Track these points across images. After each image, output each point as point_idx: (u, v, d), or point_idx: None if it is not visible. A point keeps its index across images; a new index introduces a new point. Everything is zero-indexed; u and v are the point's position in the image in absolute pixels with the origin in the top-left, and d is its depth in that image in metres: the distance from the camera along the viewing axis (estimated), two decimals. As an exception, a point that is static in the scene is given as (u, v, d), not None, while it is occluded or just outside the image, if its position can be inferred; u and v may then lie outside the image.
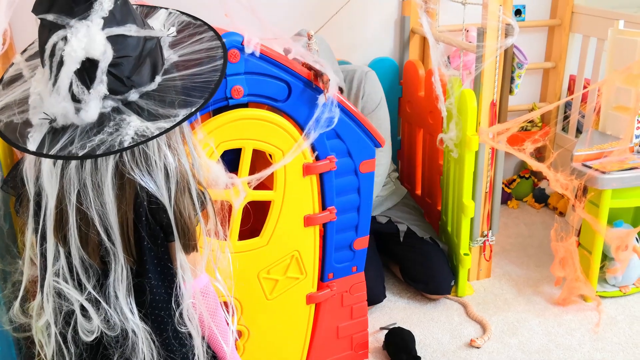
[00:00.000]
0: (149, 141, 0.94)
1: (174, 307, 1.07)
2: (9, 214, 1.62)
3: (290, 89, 1.52)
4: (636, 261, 2.26)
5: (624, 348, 2.01)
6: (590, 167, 2.15)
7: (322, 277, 1.75)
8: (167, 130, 0.94)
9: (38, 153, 0.92)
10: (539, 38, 2.89)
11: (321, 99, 1.53)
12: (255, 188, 1.52)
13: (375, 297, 2.17)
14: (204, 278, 1.16)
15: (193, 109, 0.96)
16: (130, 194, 0.99)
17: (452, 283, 2.27)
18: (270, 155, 1.55)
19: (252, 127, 1.49)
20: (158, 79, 1.00)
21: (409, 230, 2.31)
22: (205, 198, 1.10)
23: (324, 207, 1.67)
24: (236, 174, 1.49)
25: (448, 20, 2.41)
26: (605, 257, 2.29)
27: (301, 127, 1.56)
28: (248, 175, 1.49)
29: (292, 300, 1.71)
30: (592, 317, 2.17)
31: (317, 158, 1.62)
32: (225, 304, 1.24)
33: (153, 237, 1.03)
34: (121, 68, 0.93)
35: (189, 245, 1.07)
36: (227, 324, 1.21)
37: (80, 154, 0.90)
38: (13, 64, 1.08)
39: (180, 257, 1.06)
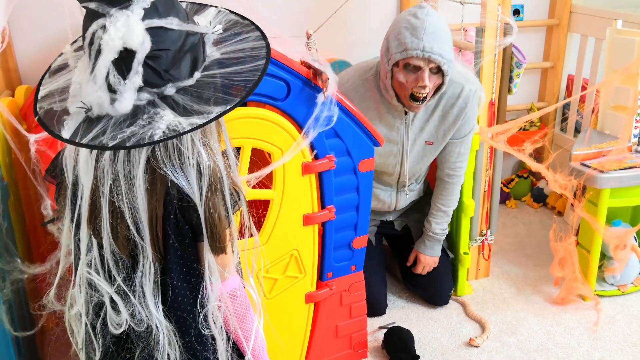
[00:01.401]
0: (179, 136, 0.92)
1: (198, 309, 1.05)
2: (7, 212, 1.62)
3: (289, 87, 1.52)
4: (634, 260, 2.27)
5: (622, 347, 2.02)
6: (588, 166, 2.15)
7: (321, 276, 1.75)
8: (198, 127, 0.92)
9: (69, 141, 0.91)
10: (538, 38, 2.89)
11: (320, 98, 1.53)
12: (254, 187, 1.52)
13: (377, 310, 2.17)
14: (235, 280, 1.13)
15: (227, 107, 0.94)
16: (160, 189, 0.98)
17: (452, 293, 2.28)
18: (269, 154, 1.55)
19: (250, 125, 1.49)
20: (197, 74, 0.99)
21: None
22: (239, 199, 1.08)
23: (323, 206, 1.67)
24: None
25: (447, 20, 2.40)
26: (603, 256, 2.29)
27: (300, 126, 1.56)
28: (247, 173, 1.49)
29: (291, 299, 1.70)
30: (591, 316, 2.17)
31: (316, 157, 1.61)
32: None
33: (180, 236, 1.02)
34: (159, 61, 0.92)
35: (218, 247, 1.05)
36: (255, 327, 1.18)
37: (110, 145, 0.89)
38: (62, 53, 1.07)
39: (209, 258, 1.04)
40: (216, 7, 1.12)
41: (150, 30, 0.90)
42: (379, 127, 1.94)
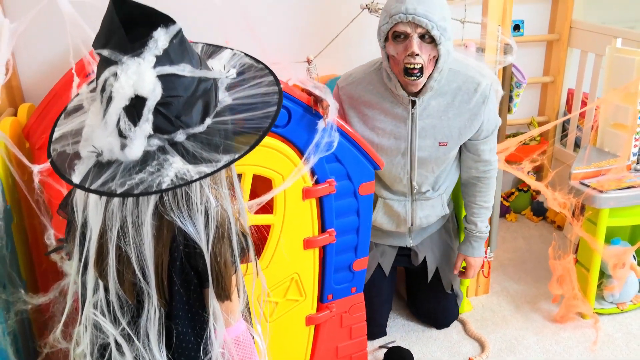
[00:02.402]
0: (187, 185, 0.92)
1: (201, 355, 1.05)
2: (11, 235, 1.64)
3: (290, 114, 1.53)
4: (633, 278, 2.28)
5: (621, 366, 2.03)
6: (588, 186, 2.16)
7: (321, 299, 1.76)
8: (206, 176, 0.92)
9: (79, 186, 0.93)
10: (538, 52, 2.90)
11: (321, 124, 1.54)
12: (255, 212, 1.53)
13: (377, 335, 2.16)
14: (240, 327, 1.13)
15: (236, 156, 0.94)
16: (167, 236, 0.98)
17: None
18: (270, 180, 1.56)
19: (252, 153, 1.49)
20: (208, 121, 0.98)
21: (436, 273, 2.17)
22: (246, 244, 1.08)
23: (323, 229, 1.69)
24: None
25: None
26: (602, 274, 2.30)
27: (301, 152, 1.57)
28: (248, 200, 1.50)
29: (291, 322, 1.72)
30: (590, 334, 2.18)
31: (317, 182, 1.63)
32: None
33: (186, 282, 1.02)
34: (170, 108, 0.93)
35: (223, 294, 1.05)
36: None
37: (118, 191, 0.90)
38: (78, 94, 1.08)
39: (214, 305, 1.04)
40: (232, 49, 1.13)
41: (162, 78, 0.91)
42: (384, 121, 1.86)
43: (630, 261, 2.23)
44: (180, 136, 0.95)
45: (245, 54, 1.12)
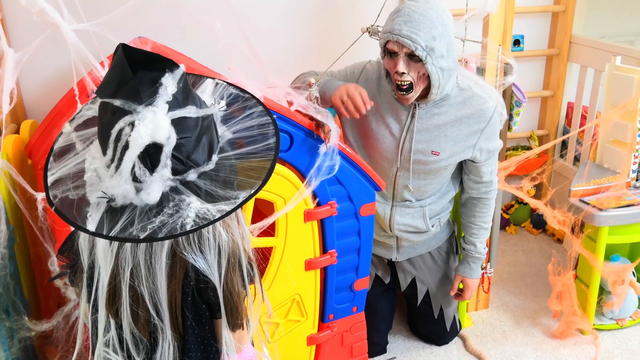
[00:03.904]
0: (211, 224, 0.93)
1: None
2: (13, 256, 1.64)
3: (292, 139, 1.54)
4: (633, 294, 2.29)
5: (620, 384, 2.04)
6: (587, 203, 2.17)
7: (322, 318, 1.77)
8: (228, 213, 0.93)
9: (98, 234, 0.92)
10: (538, 67, 2.92)
11: (322, 149, 1.55)
12: (258, 235, 1.54)
13: (374, 352, 2.15)
14: (248, 352, 1.14)
15: (252, 191, 0.95)
16: (180, 272, 0.99)
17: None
18: (272, 203, 1.57)
19: (254, 177, 1.51)
20: (215, 157, 1.00)
21: (427, 297, 2.15)
22: (253, 271, 1.10)
23: (324, 250, 1.70)
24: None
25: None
26: (602, 290, 2.31)
27: (303, 175, 1.58)
28: (250, 224, 1.52)
29: (292, 342, 1.73)
30: (590, 350, 2.19)
31: (318, 204, 1.64)
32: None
33: (198, 316, 1.03)
34: (182, 149, 0.94)
35: (236, 323, 1.06)
36: None
37: (141, 236, 0.90)
38: (62, 133, 1.08)
39: (226, 335, 1.06)
40: (212, 79, 1.14)
41: (173, 122, 0.92)
42: (387, 110, 1.85)
43: (630, 278, 2.24)
44: (192, 175, 0.96)
45: (228, 83, 1.14)
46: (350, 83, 1.80)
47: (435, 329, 2.19)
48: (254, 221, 1.52)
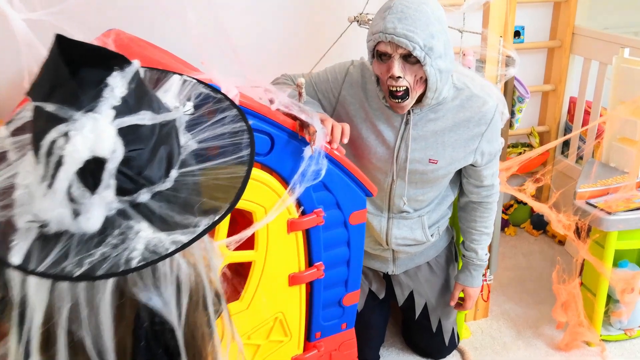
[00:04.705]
0: (162, 260, 0.75)
1: None
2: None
3: (273, 141, 1.38)
4: (642, 303, 2.15)
5: (630, 401, 1.90)
6: (595, 206, 2.02)
7: (308, 337, 1.62)
8: (184, 246, 0.75)
9: (23, 269, 0.74)
10: (539, 60, 2.77)
11: (307, 152, 1.39)
12: (235, 249, 1.38)
13: None
14: None
15: (216, 217, 0.77)
16: (130, 313, 0.81)
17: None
18: (251, 213, 1.41)
19: (230, 184, 1.35)
20: (174, 173, 0.82)
21: (424, 309, 1.99)
22: (220, 305, 0.91)
23: (310, 263, 1.54)
24: (212, 236, 1.35)
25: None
26: (609, 298, 2.17)
27: (286, 181, 1.42)
28: (226, 237, 1.36)
29: (276, 364, 1.58)
30: (596, 364, 2.06)
31: (303, 213, 1.48)
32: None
33: None
34: (132, 164, 0.76)
35: None
36: None
37: (76, 274, 0.72)
38: None
39: None
40: (180, 75, 0.97)
41: (122, 131, 0.74)
42: (379, 117, 1.66)
43: (639, 285, 2.10)
44: (143, 196, 0.78)
45: (198, 81, 0.95)
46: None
47: (432, 342, 2.04)
48: (231, 233, 1.36)
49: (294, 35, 2.24)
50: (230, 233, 1.35)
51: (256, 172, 1.38)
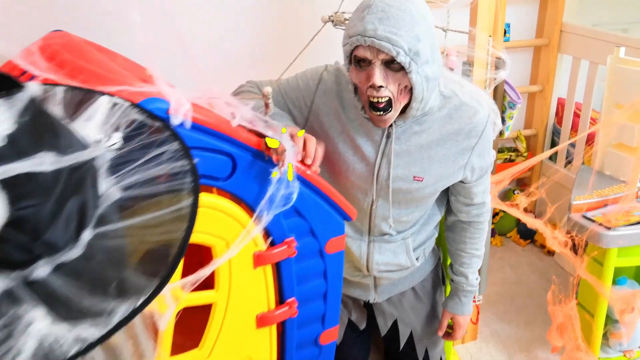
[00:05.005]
0: None
1: None
2: None
3: (234, 163, 1.17)
4: (642, 323, 2.00)
5: None
6: (592, 220, 1.86)
7: (281, 382, 1.42)
8: (92, 347, 0.57)
9: None
10: (524, 59, 2.61)
11: (275, 174, 1.19)
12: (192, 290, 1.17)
13: None
14: None
15: (139, 302, 0.59)
16: None
17: None
18: (209, 248, 1.20)
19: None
20: (87, 235, 0.63)
21: (410, 339, 1.78)
22: None
23: (281, 300, 1.34)
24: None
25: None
26: (607, 318, 2.01)
27: (251, 209, 1.21)
28: (181, 277, 1.15)
29: (244, 416, 1.37)
30: (596, 391, 1.90)
31: (272, 243, 1.28)
32: None
33: None
34: (23, 227, 0.57)
35: None
36: None
37: None
38: None
39: None
40: (110, 95, 0.75)
41: (7, 184, 0.55)
42: (357, 130, 1.46)
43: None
44: (42, 269, 0.59)
45: (133, 104, 0.75)
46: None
47: None
48: (188, 271, 1.15)
49: (260, 36, 2.03)
50: (187, 272, 1.14)
51: (215, 199, 1.17)
